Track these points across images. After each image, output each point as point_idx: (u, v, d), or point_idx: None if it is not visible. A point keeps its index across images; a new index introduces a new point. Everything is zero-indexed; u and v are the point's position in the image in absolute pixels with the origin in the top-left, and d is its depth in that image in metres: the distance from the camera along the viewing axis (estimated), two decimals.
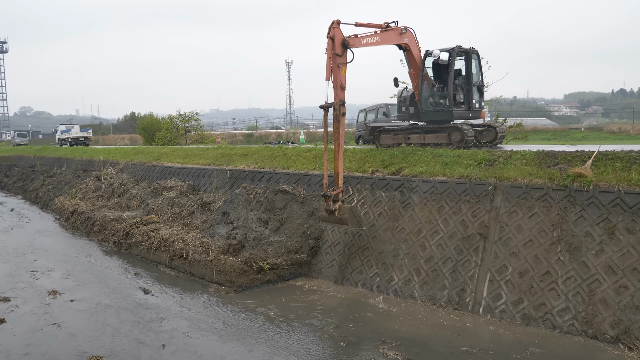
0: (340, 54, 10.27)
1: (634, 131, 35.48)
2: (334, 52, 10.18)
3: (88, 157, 28.23)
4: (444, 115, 12.95)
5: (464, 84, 13.04)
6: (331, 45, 10.17)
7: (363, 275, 10.37)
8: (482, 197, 9.47)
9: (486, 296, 8.62)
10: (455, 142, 12.59)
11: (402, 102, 14.05)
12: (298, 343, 7.71)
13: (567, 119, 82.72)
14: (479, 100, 13.28)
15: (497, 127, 13.52)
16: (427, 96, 13.11)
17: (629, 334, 7.13)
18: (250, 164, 15.65)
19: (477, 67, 13.16)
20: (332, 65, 10.20)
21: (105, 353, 7.36)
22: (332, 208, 10.22)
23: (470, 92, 12.97)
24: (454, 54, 12.50)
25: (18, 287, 10.66)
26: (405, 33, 12.19)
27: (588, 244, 7.98)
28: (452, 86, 12.61)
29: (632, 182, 7.99)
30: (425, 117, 13.38)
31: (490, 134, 13.48)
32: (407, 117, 13.98)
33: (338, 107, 10.17)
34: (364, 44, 11.10)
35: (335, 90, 10.22)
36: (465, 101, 13.01)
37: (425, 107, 13.17)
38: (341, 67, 10.30)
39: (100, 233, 15.56)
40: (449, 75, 12.56)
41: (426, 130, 13.32)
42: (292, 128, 69.64)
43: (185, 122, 34.97)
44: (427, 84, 13.05)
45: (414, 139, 13.42)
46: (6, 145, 57.68)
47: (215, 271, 10.65)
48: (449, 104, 12.68)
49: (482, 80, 13.45)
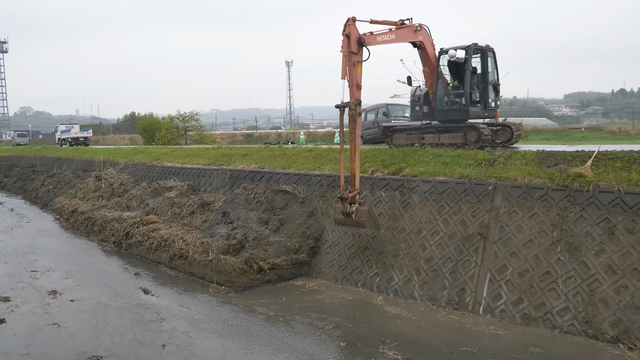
0: (356, 51, 10.02)
1: (634, 131, 35.47)
2: (349, 50, 9.93)
3: (88, 157, 28.23)
4: (459, 115, 12.64)
5: (479, 83, 12.76)
6: (347, 43, 9.94)
7: (363, 275, 10.37)
8: (482, 197, 9.47)
9: (486, 296, 8.62)
10: (471, 142, 12.31)
11: (415, 101, 13.74)
12: (298, 343, 7.71)
13: (567, 119, 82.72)
14: (494, 99, 12.98)
15: (512, 126, 13.26)
16: (442, 95, 12.82)
17: (629, 334, 7.13)
18: (250, 164, 15.65)
19: (492, 65, 12.85)
20: (347, 64, 9.96)
21: (105, 353, 7.36)
22: (349, 211, 9.88)
23: (486, 90, 12.69)
24: (471, 51, 12.24)
25: (18, 287, 10.66)
26: (420, 30, 11.98)
27: (588, 244, 7.98)
28: (469, 85, 12.32)
29: (632, 182, 7.99)
30: (440, 116, 13.06)
31: (506, 133, 13.23)
32: (421, 117, 13.66)
33: (354, 107, 9.90)
34: (379, 41, 10.87)
35: (351, 89, 9.96)
36: (481, 100, 12.74)
37: (440, 106, 12.86)
38: (357, 65, 10.05)
39: (100, 233, 15.56)
40: (466, 74, 12.27)
41: (441, 129, 13.06)
42: (292, 128, 69.63)
43: (185, 122, 34.94)
44: (441, 82, 12.79)
45: (428, 138, 13.17)
46: (6, 145, 57.67)
47: (215, 271, 10.65)
48: (466, 103, 12.37)
49: (497, 79, 13.12)
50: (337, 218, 10.31)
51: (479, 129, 12.21)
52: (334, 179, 12.18)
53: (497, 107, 13.24)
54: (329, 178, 12.32)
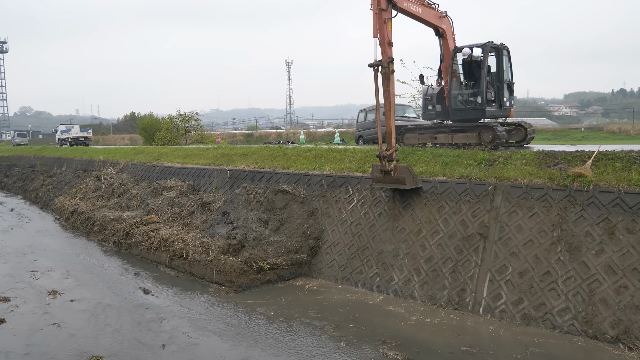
0: (385, 8, 9.99)
1: (634, 131, 35.46)
2: (379, 7, 9.96)
3: (88, 157, 28.22)
4: (475, 114, 12.44)
5: (494, 81, 12.55)
6: (377, 0, 10.00)
7: (363, 275, 10.37)
8: (482, 197, 9.47)
9: (486, 296, 8.62)
10: (485, 142, 12.10)
11: (428, 100, 13.48)
12: (298, 343, 7.71)
13: (567, 118, 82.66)
14: (509, 98, 12.80)
15: (527, 126, 13.06)
16: (456, 94, 12.63)
17: (629, 334, 7.13)
18: (250, 164, 15.65)
19: (507, 63, 12.69)
20: (378, 21, 9.96)
21: (105, 353, 7.36)
22: (388, 168, 9.94)
23: (501, 89, 12.49)
24: (487, 49, 12.07)
25: (18, 287, 10.66)
26: (444, 17, 11.99)
27: (588, 244, 7.97)
28: (485, 83, 12.13)
29: (632, 182, 7.99)
30: (454, 115, 12.85)
31: (520, 133, 13.05)
32: (434, 116, 13.44)
33: (387, 65, 9.87)
34: (406, 8, 10.84)
35: (383, 47, 9.97)
36: (496, 99, 12.52)
37: (454, 106, 12.65)
38: (387, 22, 10.06)
39: (100, 233, 15.56)
40: (482, 72, 12.08)
41: (454, 129, 12.85)
42: (292, 128, 69.63)
43: (185, 122, 34.92)
44: (456, 80, 12.63)
45: (441, 138, 12.98)
46: (6, 145, 57.66)
47: (215, 271, 10.65)
48: (482, 102, 12.16)
49: (512, 78, 12.92)
50: (375, 176, 10.40)
51: (494, 129, 11.98)
52: (334, 179, 12.19)
53: (511, 107, 13.03)
54: (328, 178, 12.32)
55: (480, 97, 12.18)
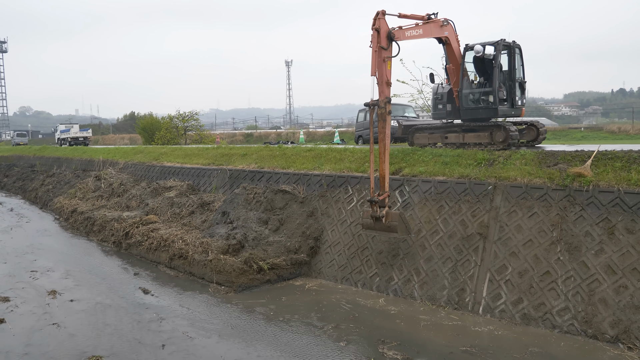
0: (385, 47, 9.54)
1: (633, 131, 35.48)
2: (379, 45, 9.57)
3: (87, 157, 28.22)
4: (487, 113, 12.19)
5: (506, 80, 12.31)
6: (376, 37, 9.54)
7: (363, 275, 10.37)
8: (482, 197, 9.47)
9: (486, 296, 8.63)
10: (497, 142, 11.85)
11: (438, 99, 13.20)
12: (298, 343, 7.71)
13: (566, 118, 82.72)
14: (521, 97, 12.59)
15: (539, 126, 12.87)
16: (467, 93, 12.38)
17: (628, 333, 7.14)
18: (249, 163, 15.65)
19: (519, 62, 12.47)
20: (377, 60, 9.53)
21: (105, 353, 7.36)
22: (379, 214, 9.43)
23: (513, 88, 12.26)
24: (500, 48, 11.83)
25: (18, 287, 10.65)
26: (446, 26, 11.65)
27: (588, 243, 7.98)
28: (497, 82, 11.86)
29: (632, 182, 7.99)
30: (465, 115, 12.57)
31: (531, 133, 12.85)
32: (444, 115, 13.20)
33: (384, 105, 9.45)
34: (408, 36, 10.44)
35: (381, 86, 9.55)
36: (508, 98, 12.28)
37: (465, 105, 12.40)
38: (387, 61, 9.67)
39: (99, 233, 15.56)
40: (494, 71, 11.83)
41: (465, 129, 12.62)
42: (291, 128, 69.65)
43: (184, 121, 34.91)
44: (467, 79, 12.39)
45: (451, 138, 12.76)
46: (6, 145, 57.65)
47: (215, 271, 10.65)
48: (494, 101, 11.89)
49: (523, 76, 12.69)
50: (365, 222, 9.85)
51: (507, 128, 11.74)
52: (333, 179, 12.19)
53: (523, 106, 12.78)
54: (328, 178, 12.32)
55: (493, 96, 11.91)
